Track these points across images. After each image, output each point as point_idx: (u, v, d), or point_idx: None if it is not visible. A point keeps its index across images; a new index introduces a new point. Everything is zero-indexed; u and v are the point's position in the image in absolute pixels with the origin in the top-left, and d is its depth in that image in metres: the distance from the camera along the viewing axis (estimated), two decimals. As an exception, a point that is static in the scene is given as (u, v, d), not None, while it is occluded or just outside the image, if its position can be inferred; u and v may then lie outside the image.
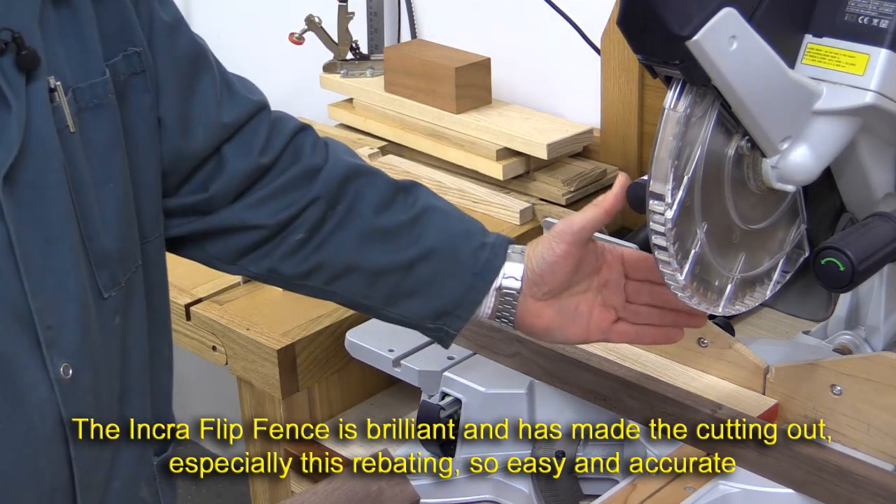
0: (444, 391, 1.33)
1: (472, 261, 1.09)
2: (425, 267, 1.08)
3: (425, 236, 1.09)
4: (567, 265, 1.09)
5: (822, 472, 1.12)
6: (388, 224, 1.09)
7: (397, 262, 1.08)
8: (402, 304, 1.10)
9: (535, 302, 1.09)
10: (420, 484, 1.31)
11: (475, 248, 1.09)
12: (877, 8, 1.20)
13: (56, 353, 0.90)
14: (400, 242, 1.09)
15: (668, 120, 1.23)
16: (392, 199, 1.10)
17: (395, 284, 1.09)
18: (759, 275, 1.38)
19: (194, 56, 1.05)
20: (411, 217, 1.10)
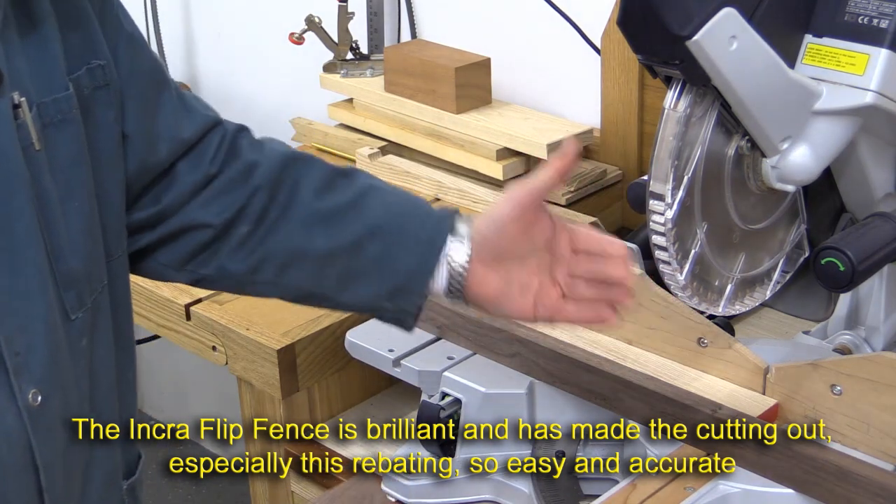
0: (444, 391, 1.33)
1: (420, 232, 1.06)
2: (372, 245, 1.05)
3: (369, 214, 1.06)
4: (516, 226, 1.04)
5: (822, 472, 1.12)
6: (330, 206, 1.06)
7: (343, 243, 1.06)
8: (355, 287, 1.07)
9: (483, 268, 1.05)
10: (420, 484, 1.31)
11: (421, 217, 1.07)
12: (877, 8, 1.20)
13: (24, 379, 0.87)
14: (344, 223, 1.06)
15: (668, 120, 1.23)
16: (331, 182, 1.08)
17: (345, 267, 1.06)
18: (759, 275, 1.38)
19: (156, 70, 1.03)
20: (352, 197, 1.07)
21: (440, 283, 1.05)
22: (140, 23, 2.60)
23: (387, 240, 1.06)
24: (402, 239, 1.06)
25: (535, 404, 1.32)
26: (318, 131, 2.04)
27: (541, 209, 1.05)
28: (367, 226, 1.06)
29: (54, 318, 0.91)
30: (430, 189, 1.82)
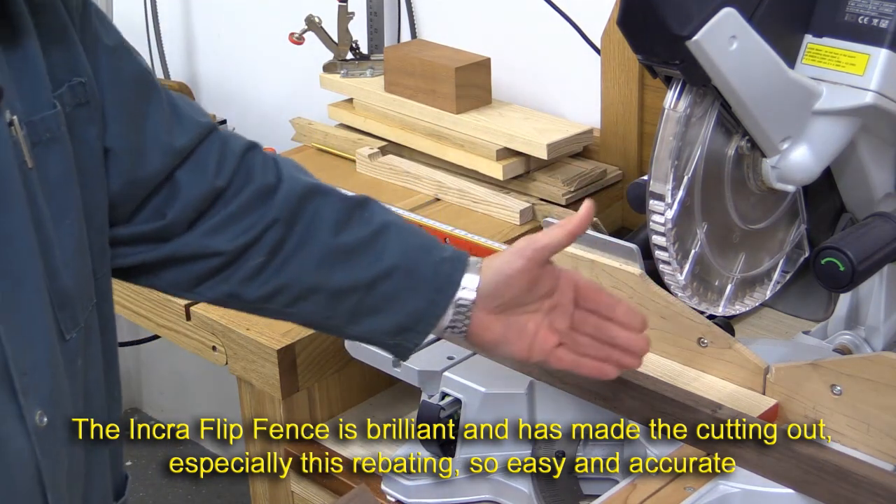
0: (444, 391, 1.33)
1: (433, 276, 1.08)
2: (387, 284, 1.08)
3: (385, 253, 1.08)
4: (523, 281, 1.09)
5: (822, 472, 1.12)
6: (348, 243, 1.08)
7: (359, 281, 1.08)
8: (364, 322, 1.09)
9: (487, 315, 1.09)
10: (420, 484, 1.31)
11: (435, 262, 1.09)
12: (877, 8, 1.20)
13: (31, 400, 0.87)
14: (361, 261, 1.08)
15: (668, 120, 1.23)
16: (349, 217, 1.09)
17: (357, 303, 1.08)
18: (759, 275, 1.38)
19: (141, 80, 1.02)
20: (370, 234, 1.09)
21: (444, 323, 1.09)
22: (140, 23, 2.60)
23: (400, 281, 1.08)
24: (416, 281, 1.08)
25: (535, 404, 1.32)
26: (318, 131, 2.04)
27: (547, 263, 1.10)
28: (384, 265, 1.08)
29: (53, 338, 0.90)
30: (430, 189, 1.82)
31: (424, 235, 1.13)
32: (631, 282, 1.32)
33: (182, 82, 2.47)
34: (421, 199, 1.81)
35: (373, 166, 1.89)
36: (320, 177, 1.78)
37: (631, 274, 1.32)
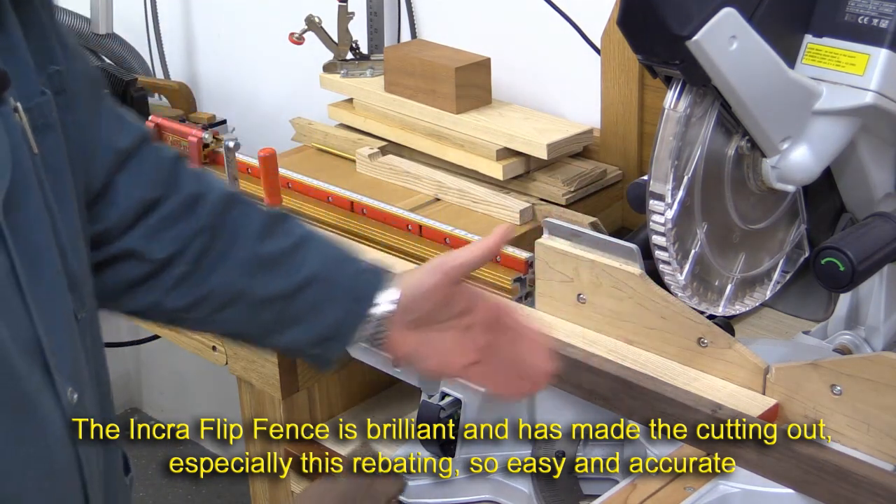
0: (444, 391, 1.33)
1: (352, 286, 1.09)
2: (308, 293, 1.08)
3: (306, 264, 1.09)
4: (438, 296, 1.10)
5: (822, 472, 1.12)
6: (271, 252, 1.09)
7: (282, 290, 1.08)
8: (286, 333, 1.09)
9: (403, 328, 1.10)
10: (420, 484, 1.31)
11: (354, 273, 1.10)
12: (877, 8, 1.20)
13: (63, 378, 0.89)
14: (283, 270, 1.08)
15: (668, 120, 1.23)
16: (271, 227, 1.10)
17: (279, 312, 1.09)
18: (759, 275, 1.38)
19: (94, 80, 1.04)
20: (291, 245, 1.10)
21: (364, 333, 1.09)
22: (140, 23, 2.61)
23: (321, 291, 1.08)
24: (335, 292, 1.09)
25: (535, 404, 1.32)
26: (318, 131, 2.04)
27: (462, 282, 1.12)
28: (305, 274, 1.08)
29: (70, 318, 0.92)
30: (430, 189, 1.82)
31: (344, 247, 1.14)
32: (631, 282, 1.32)
33: (182, 82, 2.47)
34: (421, 199, 1.81)
35: (373, 166, 1.89)
36: (320, 177, 1.79)
37: (631, 274, 1.32)
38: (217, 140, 1.85)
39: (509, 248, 1.53)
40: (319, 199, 1.75)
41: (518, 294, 1.50)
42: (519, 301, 1.49)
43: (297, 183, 1.78)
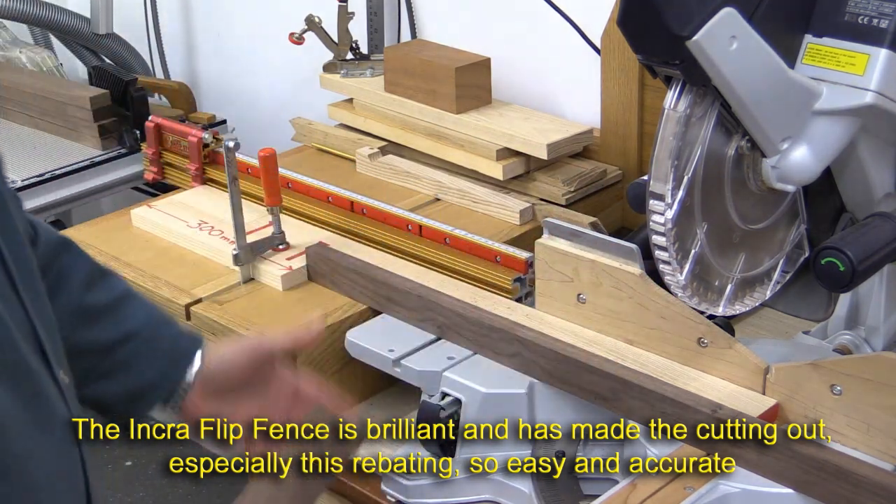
0: (444, 391, 1.33)
1: (170, 348, 1.11)
2: (124, 349, 1.09)
3: (129, 319, 1.10)
4: (244, 376, 1.12)
5: (822, 472, 1.12)
6: (94, 303, 1.10)
7: (99, 342, 1.09)
8: (96, 385, 1.09)
9: (201, 398, 1.12)
10: (420, 484, 1.31)
11: (172, 336, 1.12)
12: (877, 8, 1.20)
13: (54, 360, 0.92)
14: (103, 323, 1.09)
15: (668, 120, 1.23)
16: (96, 279, 1.11)
17: (94, 365, 1.09)
18: (759, 275, 1.38)
19: None
20: (115, 298, 1.11)
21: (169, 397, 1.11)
22: (140, 23, 2.61)
23: (140, 347, 1.10)
24: (154, 350, 1.10)
25: (535, 404, 1.32)
26: (318, 131, 2.04)
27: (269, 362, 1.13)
28: (126, 329, 1.10)
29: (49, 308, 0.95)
30: (430, 189, 1.82)
31: (162, 311, 1.16)
32: (631, 282, 1.32)
33: (182, 82, 2.47)
34: (421, 199, 1.81)
35: (373, 166, 1.89)
36: (320, 177, 1.79)
37: (631, 274, 1.32)
38: (217, 140, 1.85)
39: (509, 248, 1.53)
40: (319, 199, 1.75)
41: (518, 294, 1.50)
42: (519, 301, 1.49)
43: (297, 183, 1.78)
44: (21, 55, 2.51)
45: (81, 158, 2.24)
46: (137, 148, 2.24)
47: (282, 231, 1.63)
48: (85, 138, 2.29)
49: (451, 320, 1.41)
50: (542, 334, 1.35)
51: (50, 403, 0.91)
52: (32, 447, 0.87)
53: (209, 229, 1.71)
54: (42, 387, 0.90)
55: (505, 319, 1.39)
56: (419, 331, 1.45)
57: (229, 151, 1.55)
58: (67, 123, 2.30)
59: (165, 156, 1.93)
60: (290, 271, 1.57)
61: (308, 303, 1.52)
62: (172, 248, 1.69)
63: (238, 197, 1.56)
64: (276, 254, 1.62)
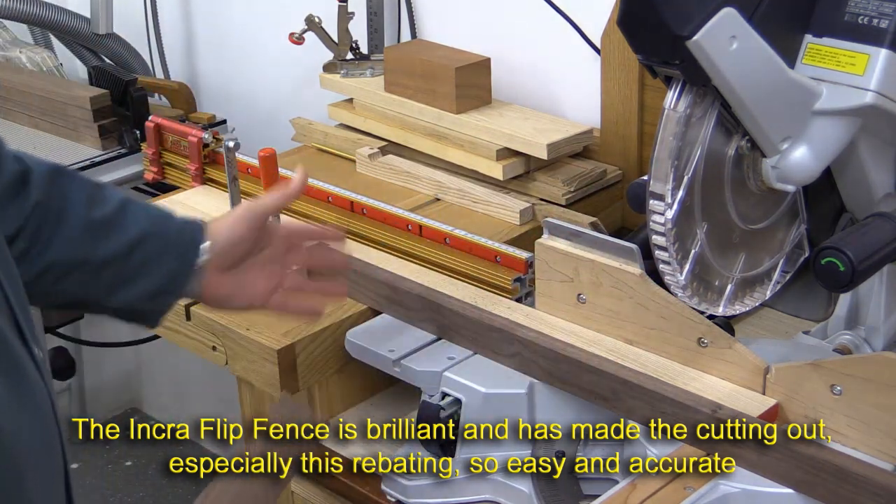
0: (444, 391, 1.33)
1: (178, 240, 1.19)
2: (139, 253, 1.16)
3: (134, 223, 1.17)
4: (248, 243, 1.21)
5: (822, 472, 1.12)
6: (100, 217, 1.16)
7: (117, 250, 1.16)
8: (124, 291, 1.16)
9: (218, 273, 1.20)
10: (420, 484, 1.31)
11: (178, 228, 1.20)
12: (877, 8, 1.20)
13: (29, 336, 0.97)
14: (114, 232, 1.16)
15: (668, 120, 1.23)
16: (95, 195, 1.17)
17: (115, 274, 1.16)
18: (759, 275, 1.38)
19: None
20: (116, 208, 1.17)
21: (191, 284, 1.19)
22: (140, 23, 2.61)
23: (153, 245, 1.17)
24: (166, 245, 1.18)
25: (535, 404, 1.32)
26: (318, 131, 2.04)
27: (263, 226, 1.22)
28: (136, 233, 1.17)
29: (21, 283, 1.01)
30: (430, 189, 1.82)
31: (160, 207, 1.23)
32: (631, 282, 1.32)
33: (182, 82, 2.47)
34: (421, 199, 1.81)
35: (373, 166, 1.89)
36: (320, 177, 1.79)
37: (631, 274, 1.32)
38: (217, 140, 1.85)
39: (509, 248, 1.53)
40: (319, 199, 1.75)
41: (518, 294, 1.50)
42: (519, 301, 1.49)
43: (297, 183, 1.78)
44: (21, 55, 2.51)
45: (81, 158, 2.24)
46: (137, 148, 2.23)
47: (282, 231, 1.63)
48: (85, 138, 2.28)
49: (451, 320, 1.41)
50: (542, 334, 1.35)
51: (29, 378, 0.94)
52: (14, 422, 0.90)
53: (209, 229, 1.71)
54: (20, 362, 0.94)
55: (505, 319, 1.39)
56: (419, 331, 1.45)
57: (229, 151, 1.55)
58: (67, 123, 2.30)
59: (165, 156, 1.93)
60: (290, 271, 1.57)
61: (308, 303, 1.52)
62: (172, 248, 1.69)
63: (238, 197, 1.56)
64: (276, 254, 1.62)
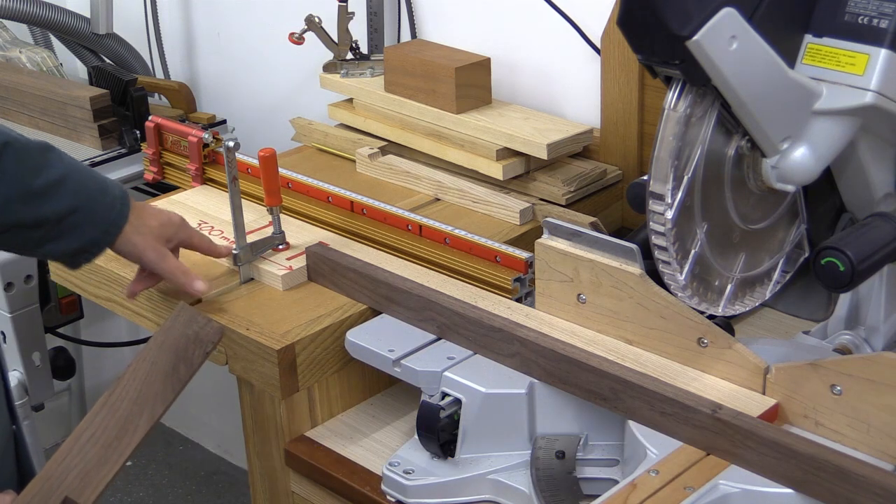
0: (444, 391, 1.33)
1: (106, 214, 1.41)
2: (71, 219, 1.38)
3: (71, 194, 1.37)
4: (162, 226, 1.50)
5: (822, 472, 1.12)
6: (42, 185, 1.35)
7: (50, 217, 1.36)
8: (51, 246, 1.39)
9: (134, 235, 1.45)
10: (420, 484, 1.31)
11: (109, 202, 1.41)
12: (877, 8, 1.20)
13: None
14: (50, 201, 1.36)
15: (668, 120, 1.23)
16: (41, 164, 1.36)
17: (45, 234, 1.38)
18: (759, 275, 1.38)
19: None
20: (58, 178, 1.37)
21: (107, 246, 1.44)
22: (140, 23, 2.61)
23: (81, 217, 1.39)
24: (93, 219, 1.40)
25: (535, 404, 1.32)
26: (318, 131, 2.04)
27: None
28: (68, 205, 1.37)
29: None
30: (430, 189, 1.82)
31: (99, 178, 1.43)
32: (631, 282, 1.32)
33: (182, 82, 2.47)
34: (421, 199, 1.81)
35: (373, 166, 1.89)
36: (320, 177, 1.79)
37: (631, 274, 1.32)
38: (217, 140, 1.85)
39: (509, 248, 1.53)
40: (319, 199, 1.75)
41: (518, 294, 1.50)
42: (519, 301, 1.49)
43: (297, 183, 1.78)
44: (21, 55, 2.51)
45: (81, 158, 2.24)
46: (137, 148, 2.23)
47: (282, 231, 1.63)
48: (85, 138, 2.29)
49: (451, 320, 1.41)
50: (542, 334, 1.35)
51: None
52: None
53: (209, 229, 1.71)
54: None
55: (505, 319, 1.39)
56: (419, 331, 1.45)
57: (229, 151, 1.55)
58: (67, 123, 2.30)
59: (165, 156, 1.93)
60: (290, 271, 1.57)
61: (308, 303, 1.52)
62: (172, 248, 1.69)
63: (238, 197, 1.56)
64: (276, 254, 1.62)
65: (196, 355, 1.28)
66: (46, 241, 1.38)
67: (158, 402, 1.22)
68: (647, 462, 1.20)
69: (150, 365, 1.25)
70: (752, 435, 1.16)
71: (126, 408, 1.20)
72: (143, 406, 1.21)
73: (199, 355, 1.28)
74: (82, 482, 1.13)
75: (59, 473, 1.13)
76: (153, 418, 1.21)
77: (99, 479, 1.14)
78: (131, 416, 1.20)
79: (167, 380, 1.24)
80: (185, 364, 1.27)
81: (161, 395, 1.23)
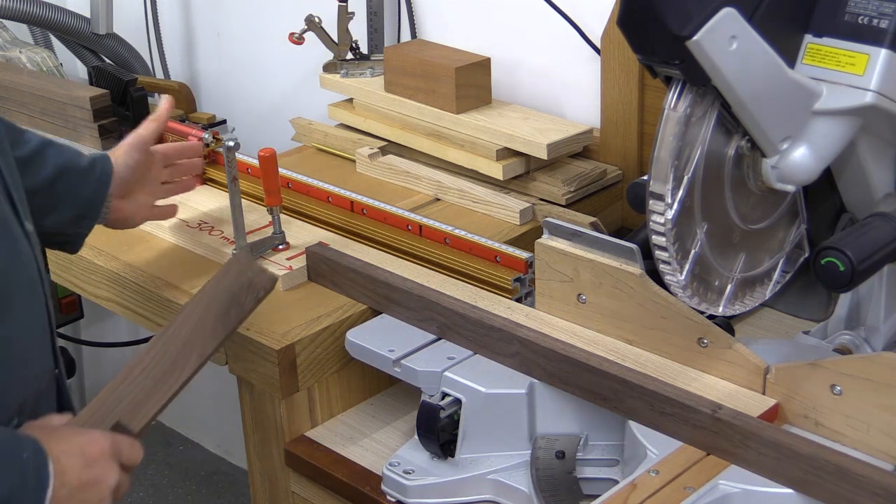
0: (444, 391, 1.33)
1: (90, 170, 1.44)
2: (60, 184, 1.41)
3: (54, 159, 1.42)
4: (142, 169, 1.51)
5: (822, 472, 1.12)
6: (26, 153, 1.39)
7: (42, 182, 1.40)
8: (50, 218, 1.40)
9: (119, 200, 1.48)
10: (420, 484, 1.31)
11: (90, 161, 1.45)
12: (877, 8, 1.20)
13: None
14: (36, 167, 1.40)
15: (668, 120, 1.23)
16: (18, 138, 1.40)
17: (44, 200, 1.39)
18: (759, 275, 1.38)
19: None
20: (37, 147, 1.41)
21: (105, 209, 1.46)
22: (140, 23, 2.61)
23: (72, 177, 1.42)
24: (82, 175, 1.43)
25: (535, 404, 1.32)
26: (318, 131, 2.04)
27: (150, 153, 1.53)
28: (55, 168, 1.41)
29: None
30: (430, 189, 1.82)
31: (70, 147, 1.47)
32: (631, 282, 1.32)
33: (182, 82, 2.47)
34: (421, 199, 1.81)
35: (373, 166, 1.89)
36: (320, 177, 1.79)
37: (631, 274, 1.32)
38: (217, 140, 1.85)
39: (509, 248, 1.53)
40: (319, 199, 1.75)
41: (518, 294, 1.50)
42: (519, 301, 1.49)
43: (297, 183, 1.78)
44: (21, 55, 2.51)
45: (81, 158, 2.24)
46: (137, 148, 2.23)
47: (282, 231, 1.63)
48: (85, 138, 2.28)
49: (451, 320, 1.41)
50: (542, 334, 1.35)
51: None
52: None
53: (209, 229, 1.71)
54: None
55: (505, 319, 1.39)
56: (419, 331, 1.45)
57: (229, 151, 1.55)
58: (67, 123, 2.30)
59: (165, 156, 1.93)
60: (290, 271, 1.57)
61: (308, 303, 1.52)
62: (172, 249, 1.69)
63: (238, 197, 1.56)
64: (276, 254, 1.62)
65: (248, 300, 1.29)
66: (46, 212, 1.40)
67: (209, 342, 1.26)
68: (647, 462, 1.20)
69: (203, 307, 1.27)
70: (752, 435, 1.16)
71: (178, 345, 1.24)
72: (194, 345, 1.25)
73: (251, 300, 1.29)
74: (133, 411, 1.19)
75: (113, 401, 1.20)
76: (202, 357, 1.25)
77: (148, 408, 1.20)
78: (182, 354, 1.24)
79: (218, 322, 1.27)
80: (237, 308, 1.28)
81: (211, 336, 1.26)
